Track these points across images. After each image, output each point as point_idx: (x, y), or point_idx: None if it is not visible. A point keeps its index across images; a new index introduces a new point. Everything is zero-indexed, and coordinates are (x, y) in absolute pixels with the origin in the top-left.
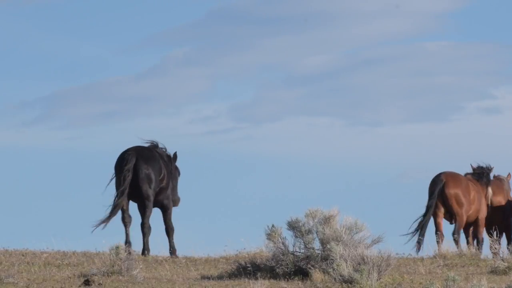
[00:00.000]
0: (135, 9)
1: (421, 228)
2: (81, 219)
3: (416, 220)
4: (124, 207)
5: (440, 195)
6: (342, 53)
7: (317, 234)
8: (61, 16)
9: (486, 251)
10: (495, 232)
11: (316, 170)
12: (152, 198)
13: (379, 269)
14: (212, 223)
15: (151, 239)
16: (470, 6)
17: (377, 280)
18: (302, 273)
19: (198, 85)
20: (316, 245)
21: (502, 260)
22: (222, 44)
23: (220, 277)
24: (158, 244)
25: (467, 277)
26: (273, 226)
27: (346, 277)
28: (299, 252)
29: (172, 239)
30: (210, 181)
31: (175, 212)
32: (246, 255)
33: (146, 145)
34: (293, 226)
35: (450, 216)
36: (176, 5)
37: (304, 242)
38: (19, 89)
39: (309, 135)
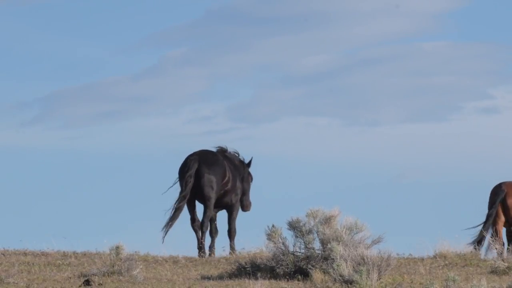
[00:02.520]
0: (133, 9)
1: (480, 236)
2: (81, 219)
3: (474, 226)
4: (192, 212)
5: (501, 204)
6: (340, 53)
7: (317, 234)
8: (59, 16)
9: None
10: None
11: (314, 170)
12: (213, 200)
13: (379, 269)
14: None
15: (152, 239)
16: (468, 6)
17: (377, 280)
18: (302, 273)
19: (196, 85)
20: (317, 245)
21: (502, 260)
22: (220, 44)
23: (220, 277)
24: (158, 244)
25: (467, 277)
26: (273, 226)
27: (346, 277)
28: (300, 252)
29: (233, 241)
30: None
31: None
32: (246, 255)
33: (214, 149)
34: (293, 226)
35: (510, 224)
36: (174, 5)
37: (304, 242)
38: (17, 90)
39: (307, 135)
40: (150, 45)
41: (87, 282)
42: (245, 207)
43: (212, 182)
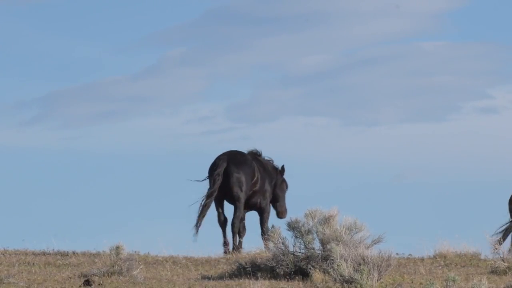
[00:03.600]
0: (131, 9)
1: (504, 234)
2: (81, 219)
3: (502, 226)
4: (220, 209)
5: None
6: (339, 53)
7: (317, 234)
8: (58, 16)
9: (486, 251)
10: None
11: (313, 170)
12: (242, 200)
13: (379, 269)
14: (212, 223)
15: (152, 239)
16: (467, 6)
17: (377, 280)
18: (302, 273)
19: (195, 85)
20: (316, 245)
21: (502, 260)
22: (219, 44)
23: (220, 277)
24: (159, 244)
25: (467, 277)
26: (273, 226)
27: (346, 277)
28: (299, 252)
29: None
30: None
31: (175, 212)
32: (246, 255)
33: (245, 151)
34: (293, 226)
35: None
36: (173, 5)
37: (304, 242)
38: (16, 89)
39: (306, 135)
40: (149, 45)
41: (87, 282)
42: (281, 213)
43: (240, 181)
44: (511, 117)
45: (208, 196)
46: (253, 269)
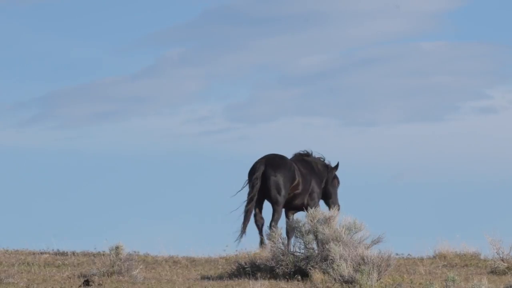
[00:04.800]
0: (130, 9)
1: None
2: (81, 219)
3: None
4: (256, 210)
5: None
6: (337, 53)
7: (317, 235)
8: (57, 16)
9: (486, 251)
10: None
11: None
12: (281, 204)
13: (379, 269)
14: (212, 223)
15: (152, 239)
16: (466, 6)
17: (377, 280)
18: (302, 273)
19: (193, 85)
20: (316, 245)
21: (502, 260)
22: (217, 44)
23: (220, 277)
24: (158, 244)
25: (467, 277)
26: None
27: (346, 277)
28: (299, 253)
29: None
30: (206, 181)
31: (175, 212)
32: (246, 255)
33: (298, 153)
34: (292, 226)
35: None
36: (171, 5)
37: (304, 243)
38: (15, 90)
39: (304, 135)
40: (147, 45)
41: (86, 282)
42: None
43: (278, 184)
44: (510, 117)
45: (249, 201)
46: (253, 269)
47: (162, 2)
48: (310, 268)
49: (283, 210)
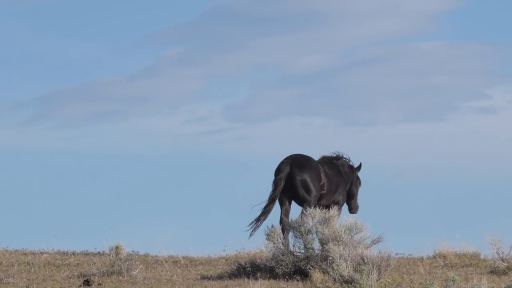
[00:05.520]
0: (129, 9)
1: None
2: (80, 219)
3: None
4: (283, 215)
5: None
6: (336, 53)
7: (316, 234)
8: (55, 16)
9: (486, 251)
10: None
11: None
12: (312, 204)
13: (379, 269)
14: (212, 223)
15: (152, 239)
16: (465, 6)
17: (377, 280)
18: (302, 273)
19: (192, 85)
20: (316, 245)
21: (502, 260)
22: (216, 44)
23: (220, 277)
24: (158, 244)
25: (467, 277)
26: (272, 226)
27: (346, 277)
28: (299, 252)
29: None
30: (205, 181)
31: (174, 212)
32: (246, 255)
33: (331, 155)
34: (292, 226)
35: None
36: (170, 5)
37: (303, 242)
38: (14, 90)
39: (303, 135)
40: (146, 45)
41: (86, 282)
42: (353, 209)
43: (306, 184)
44: (509, 117)
45: (270, 201)
46: (253, 269)
47: (162, 2)
48: (310, 268)
49: None
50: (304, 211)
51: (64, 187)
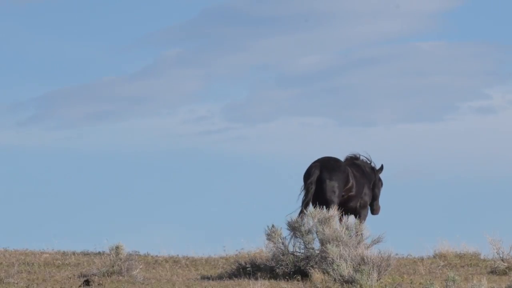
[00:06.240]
0: (128, 9)
1: None
2: (81, 219)
3: None
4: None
5: None
6: (335, 53)
7: (317, 234)
8: (54, 16)
9: (486, 251)
10: None
11: None
12: (335, 206)
13: (379, 269)
14: (212, 223)
15: (152, 239)
16: (464, 6)
17: (377, 280)
18: (302, 273)
19: (191, 85)
20: (316, 245)
21: (502, 260)
22: (216, 44)
23: (220, 277)
24: (158, 244)
25: (467, 277)
26: (273, 226)
27: (346, 277)
28: (299, 252)
29: None
30: (205, 181)
31: (174, 212)
32: (246, 255)
33: (348, 156)
34: (293, 226)
35: None
36: (170, 5)
37: (304, 242)
38: (13, 90)
39: (302, 135)
40: (145, 45)
41: (86, 282)
42: (375, 210)
43: (333, 187)
44: (508, 117)
45: (305, 206)
46: (253, 269)
47: (161, 2)
48: (310, 268)
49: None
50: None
51: (64, 187)
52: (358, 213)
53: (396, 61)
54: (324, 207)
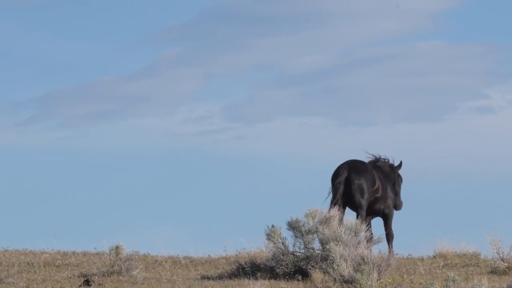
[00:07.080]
0: (128, 9)
1: None
2: (80, 219)
3: None
4: (339, 216)
5: None
6: (335, 53)
7: (317, 234)
8: (54, 16)
9: (486, 251)
10: None
11: (309, 170)
12: (364, 207)
13: (379, 269)
14: (212, 223)
15: (152, 239)
16: (464, 6)
17: (377, 280)
18: (302, 273)
19: (191, 85)
20: (316, 245)
21: (502, 260)
22: (215, 43)
23: (220, 277)
24: (158, 244)
25: (467, 277)
26: (273, 226)
27: (346, 277)
28: (299, 252)
29: (391, 245)
30: (205, 181)
31: (174, 212)
32: (246, 255)
33: (368, 158)
34: (293, 226)
35: None
36: (169, 5)
37: (304, 242)
38: (13, 90)
39: (302, 135)
40: (145, 45)
41: (86, 282)
42: (397, 206)
43: (362, 189)
44: (508, 116)
45: (333, 206)
46: (253, 269)
47: (161, 2)
48: (310, 268)
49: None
50: (358, 216)
51: (64, 187)
52: (385, 215)
53: (396, 61)
54: (354, 210)
